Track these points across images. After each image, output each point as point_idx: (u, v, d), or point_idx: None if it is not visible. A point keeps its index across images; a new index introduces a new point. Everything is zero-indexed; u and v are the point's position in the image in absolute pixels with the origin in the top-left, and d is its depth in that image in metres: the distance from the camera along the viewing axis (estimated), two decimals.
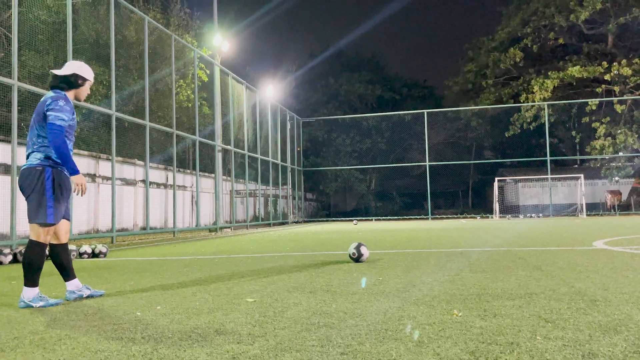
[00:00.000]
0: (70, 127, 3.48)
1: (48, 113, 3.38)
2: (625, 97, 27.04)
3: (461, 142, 40.78)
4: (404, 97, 44.45)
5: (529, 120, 28.89)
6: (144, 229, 14.03)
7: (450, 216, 30.70)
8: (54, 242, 3.57)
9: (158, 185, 16.60)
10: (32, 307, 3.28)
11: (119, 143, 12.87)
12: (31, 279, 3.34)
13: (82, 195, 3.54)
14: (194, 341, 2.28)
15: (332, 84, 42.81)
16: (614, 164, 28.31)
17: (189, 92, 16.35)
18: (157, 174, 16.53)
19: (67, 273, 3.60)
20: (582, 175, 26.95)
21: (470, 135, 39.07)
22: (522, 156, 32.58)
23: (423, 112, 28.85)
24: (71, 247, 7.00)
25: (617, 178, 29.50)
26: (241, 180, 20.36)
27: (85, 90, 3.69)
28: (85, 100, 11.49)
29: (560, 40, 29.88)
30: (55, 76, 3.56)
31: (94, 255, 7.09)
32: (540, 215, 27.53)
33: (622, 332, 2.27)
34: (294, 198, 27.35)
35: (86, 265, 6.14)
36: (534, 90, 28.18)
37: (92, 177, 13.66)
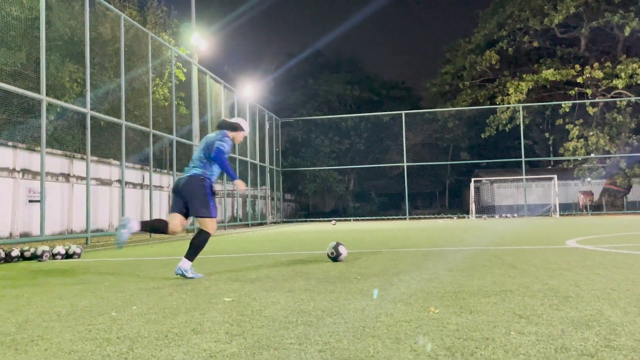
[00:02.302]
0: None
1: (217, 143, 4.61)
2: (597, 100, 27.72)
3: (438, 143, 41.26)
4: (382, 98, 44.76)
5: (504, 121, 29.39)
6: None
7: (427, 216, 31.01)
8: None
9: (134, 185, 16.36)
10: (186, 276, 4.36)
11: (94, 142, 12.64)
12: (192, 255, 4.47)
13: (243, 192, 4.68)
14: (171, 340, 2.25)
15: (311, 85, 42.85)
16: (586, 165, 29.01)
17: (165, 91, 16.16)
18: (133, 174, 16.29)
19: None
20: (555, 176, 27.54)
21: (447, 136, 39.55)
22: (497, 157, 33.11)
23: (401, 113, 29.08)
24: (44, 248, 6.85)
25: (589, 179, 30.23)
26: (219, 181, 20.20)
27: (239, 136, 4.93)
28: (59, 98, 11.29)
29: (535, 44, 30.49)
30: (224, 121, 4.89)
31: (67, 256, 6.95)
32: (516, 215, 28.02)
33: (594, 327, 2.32)
34: (272, 199, 27.27)
35: (60, 266, 6.01)
36: (510, 93, 28.68)
37: (66, 177, 13.40)
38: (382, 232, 12.95)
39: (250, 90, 22.98)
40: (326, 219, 31.45)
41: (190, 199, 4.54)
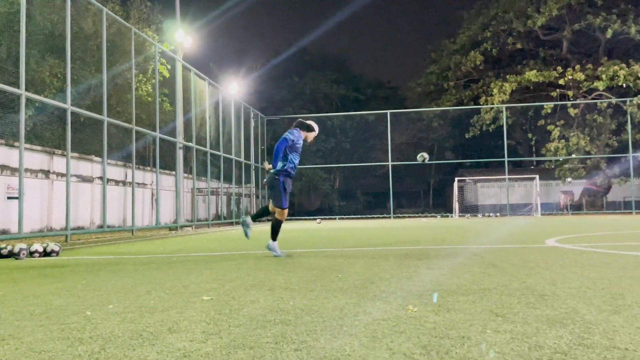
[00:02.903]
0: (294, 147, 5.93)
1: (285, 134, 5.90)
2: (578, 101, 28.12)
3: (423, 143, 41.50)
4: (368, 97, 44.88)
5: (488, 122, 29.65)
6: (101, 227, 13.65)
7: (411, 215, 31.19)
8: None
9: (117, 182, 16.17)
10: (273, 254, 5.99)
11: (75, 139, 12.46)
12: (275, 236, 6.06)
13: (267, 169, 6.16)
14: (145, 340, 2.22)
15: (297, 83, 42.79)
16: (567, 166, 29.42)
17: (149, 87, 15.98)
18: (115, 171, 16.10)
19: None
20: (537, 176, 27.89)
21: (432, 136, 39.82)
22: (481, 157, 33.41)
23: (386, 113, 29.18)
24: (21, 245, 6.74)
25: (569, 179, 30.68)
26: (203, 178, 20.07)
27: (311, 136, 6.16)
28: (39, 93, 11.10)
29: (518, 45, 30.79)
30: (300, 120, 6.18)
31: (45, 254, 6.84)
32: (498, 214, 28.31)
33: (568, 325, 2.35)
34: (257, 197, 27.17)
35: (37, 264, 5.91)
36: (493, 93, 28.94)
37: (46, 173, 13.19)
38: (367, 230, 12.98)
39: (236, 88, 22.86)
40: (312, 217, 31.44)
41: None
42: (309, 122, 6.14)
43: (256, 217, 6.44)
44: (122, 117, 14.67)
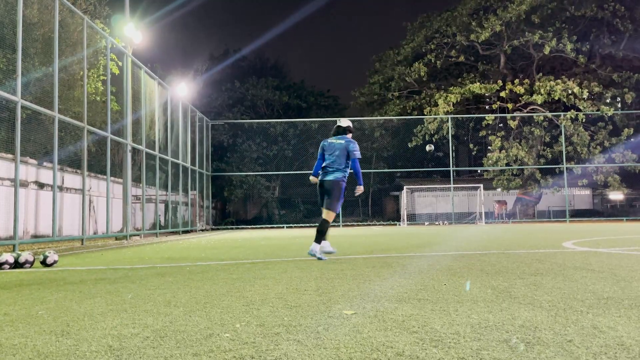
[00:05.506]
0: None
1: (356, 154, 6.26)
2: (516, 114, 29.50)
3: (364, 152, 41.87)
4: (310, 105, 44.68)
5: (432, 132, 30.33)
6: (36, 237, 12.23)
7: (360, 224, 31.23)
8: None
9: (51, 187, 14.67)
10: (316, 256, 5.98)
11: (7, 138, 11.07)
12: (319, 239, 6.09)
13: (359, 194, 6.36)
14: None
15: (237, 88, 41.78)
16: (504, 176, 30.73)
17: (99, 84, 14.68)
18: (50, 175, 14.60)
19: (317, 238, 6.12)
20: (481, 186, 28.87)
21: (373, 145, 40.25)
22: (423, 167, 34.16)
23: (336, 121, 29.05)
24: None
25: (499, 189, 32.07)
26: (138, 184, 18.71)
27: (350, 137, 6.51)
28: None
29: (461, 58, 31.87)
30: (349, 127, 6.60)
31: None
32: (446, 222, 28.95)
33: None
34: (201, 206, 25.97)
35: None
36: (438, 104, 29.68)
37: None
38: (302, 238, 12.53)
39: (185, 89, 21.76)
40: (250, 226, 30.60)
41: (329, 195, 6.16)
42: (345, 123, 6.53)
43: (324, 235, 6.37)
44: (65, 115, 13.28)
